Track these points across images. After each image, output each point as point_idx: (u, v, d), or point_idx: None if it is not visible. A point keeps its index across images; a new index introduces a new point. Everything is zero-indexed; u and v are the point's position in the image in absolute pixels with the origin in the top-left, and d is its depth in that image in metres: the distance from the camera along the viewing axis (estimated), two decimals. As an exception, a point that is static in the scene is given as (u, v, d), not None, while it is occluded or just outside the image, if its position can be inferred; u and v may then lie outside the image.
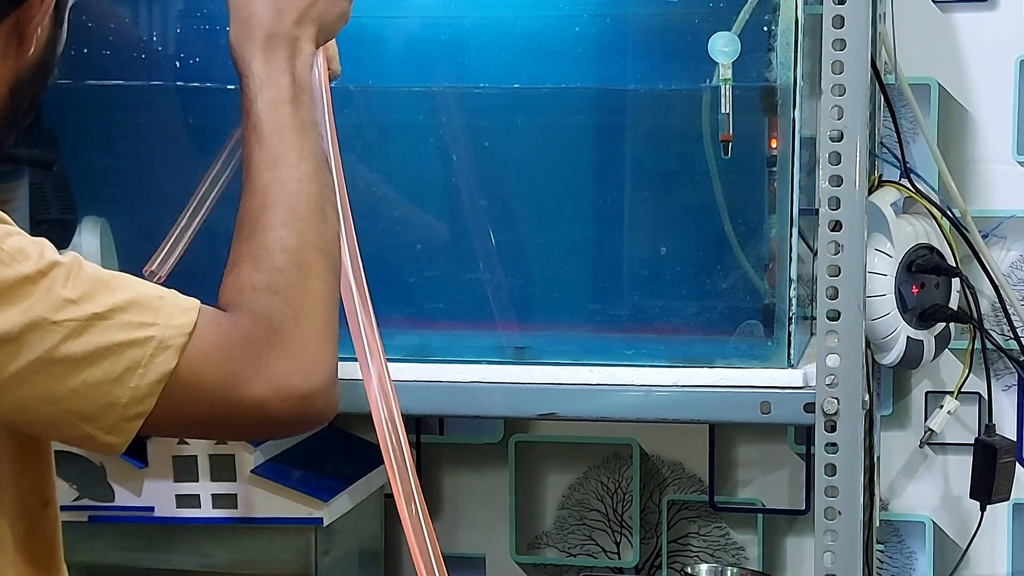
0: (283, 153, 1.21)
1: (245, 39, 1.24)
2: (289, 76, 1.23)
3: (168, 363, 1.10)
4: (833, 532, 1.51)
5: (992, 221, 1.95)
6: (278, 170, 1.20)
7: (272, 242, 1.17)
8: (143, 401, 1.10)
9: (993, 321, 1.95)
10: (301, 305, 1.16)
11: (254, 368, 1.13)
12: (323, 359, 1.16)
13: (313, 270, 1.18)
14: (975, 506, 1.89)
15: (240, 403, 1.13)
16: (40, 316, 1.08)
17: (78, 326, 1.09)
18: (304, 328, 1.15)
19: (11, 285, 1.08)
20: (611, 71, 1.64)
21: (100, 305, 1.10)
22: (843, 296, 1.50)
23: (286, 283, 1.16)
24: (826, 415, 1.51)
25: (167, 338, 1.11)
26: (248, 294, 1.15)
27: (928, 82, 1.95)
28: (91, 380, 1.09)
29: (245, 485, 1.76)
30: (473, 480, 2.12)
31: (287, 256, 1.17)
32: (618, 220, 1.66)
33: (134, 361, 1.10)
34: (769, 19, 1.54)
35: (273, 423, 1.15)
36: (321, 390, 1.16)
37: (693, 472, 2.08)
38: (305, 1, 1.26)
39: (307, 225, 1.19)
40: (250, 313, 1.14)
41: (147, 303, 1.12)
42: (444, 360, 1.61)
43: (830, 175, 1.49)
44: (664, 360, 1.58)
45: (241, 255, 1.17)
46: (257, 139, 1.21)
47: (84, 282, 1.10)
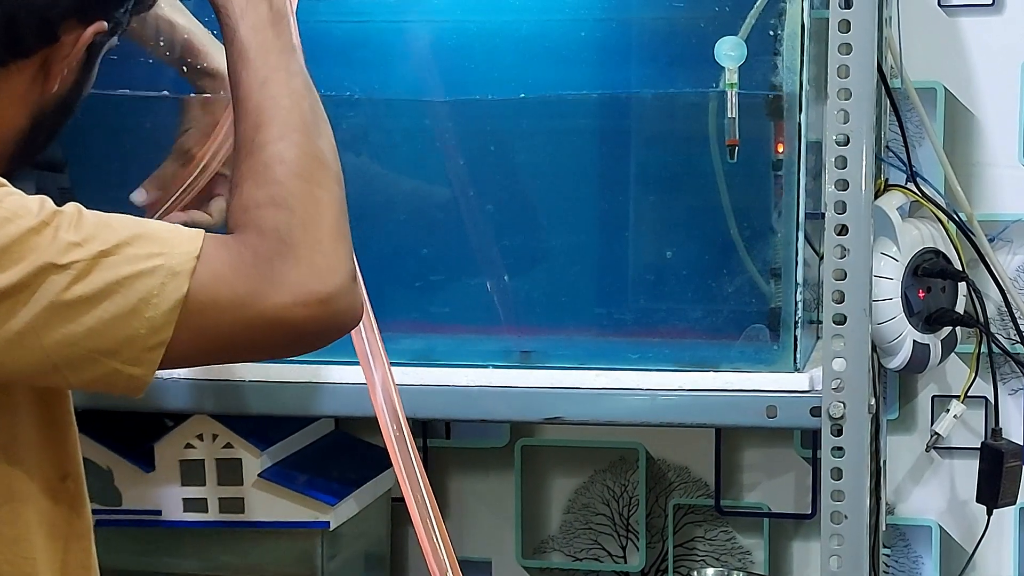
0: (271, 73, 1.21)
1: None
2: (267, 3, 1.24)
3: (180, 289, 1.12)
4: (839, 536, 1.51)
5: (998, 225, 1.95)
6: (268, 88, 1.21)
7: (270, 157, 1.18)
8: (161, 330, 1.12)
9: (999, 325, 1.95)
10: (307, 212, 1.16)
11: (268, 281, 1.13)
12: (337, 261, 1.16)
13: (314, 178, 1.18)
14: (981, 510, 1.89)
15: (260, 317, 1.13)
16: (47, 262, 1.10)
17: (85, 266, 1.11)
18: (313, 233, 1.16)
19: (16, 239, 1.10)
20: (616, 76, 1.64)
21: (104, 243, 1.12)
22: (849, 300, 1.50)
23: (289, 193, 1.17)
24: (832, 419, 1.51)
25: (175, 265, 1.12)
26: (252, 211, 1.16)
27: (934, 86, 1.96)
28: (106, 316, 1.11)
29: (252, 489, 1.77)
30: (479, 484, 2.12)
31: (286, 167, 1.17)
32: (624, 224, 1.66)
33: (146, 292, 1.11)
34: (775, 23, 1.54)
35: (298, 333, 1.16)
36: (340, 292, 1.16)
37: (699, 476, 2.08)
38: None
39: (303, 136, 1.20)
40: (257, 229, 1.15)
41: (151, 236, 1.13)
42: (450, 364, 1.61)
43: (836, 179, 1.50)
44: (670, 364, 1.58)
45: (241, 175, 1.18)
46: (244, 63, 1.22)
47: (87, 225, 1.12)
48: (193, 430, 1.77)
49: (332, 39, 1.59)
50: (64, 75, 1.22)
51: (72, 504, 1.28)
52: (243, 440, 1.77)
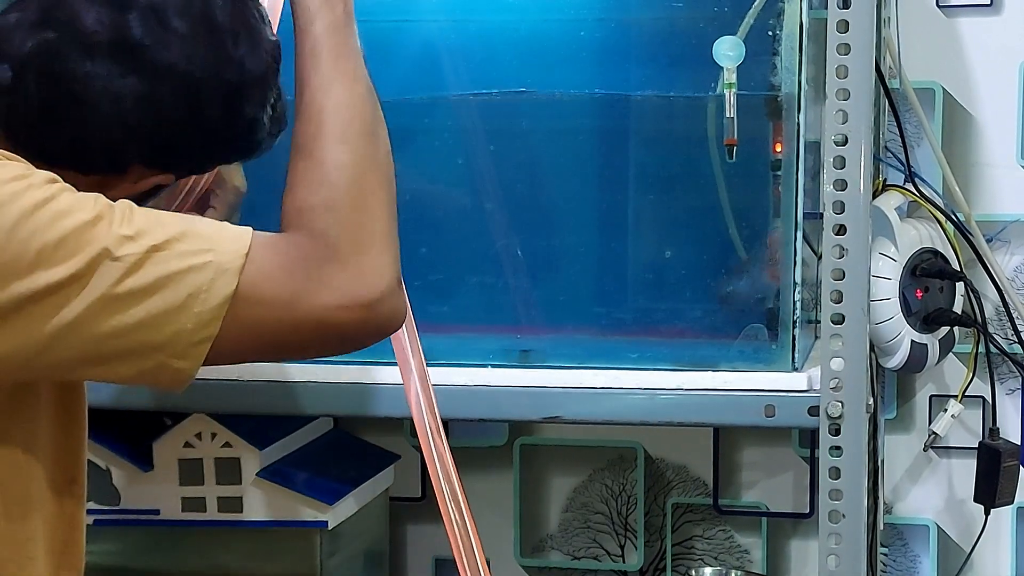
0: (338, 76, 1.23)
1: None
2: (341, 4, 1.26)
3: (228, 286, 1.14)
4: (837, 535, 1.51)
5: (996, 225, 1.96)
6: (332, 93, 1.23)
7: (328, 161, 1.20)
8: (208, 325, 1.14)
9: (997, 325, 1.95)
10: (359, 219, 1.19)
11: (315, 282, 1.16)
12: (384, 266, 1.19)
13: (368, 185, 1.20)
14: (979, 510, 1.89)
15: (306, 318, 1.16)
16: (102, 254, 1.12)
17: (137, 260, 1.13)
18: (362, 239, 1.18)
19: (72, 232, 1.12)
20: (616, 76, 1.64)
21: (156, 238, 1.14)
22: (847, 300, 1.50)
23: (341, 199, 1.19)
24: (830, 418, 1.51)
25: (224, 262, 1.14)
26: (305, 214, 1.18)
27: (932, 86, 1.96)
28: (155, 310, 1.13)
29: (250, 488, 1.77)
30: (478, 483, 2.12)
31: (342, 174, 1.20)
32: (623, 224, 1.67)
33: (195, 287, 1.13)
34: (774, 24, 1.54)
35: (340, 335, 1.18)
36: (385, 296, 1.18)
37: (697, 475, 2.08)
38: None
39: (362, 143, 1.22)
40: (307, 231, 1.18)
41: (200, 233, 1.16)
42: (449, 363, 1.61)
43: (834, 179, 1.50)
44: (669, 363, 1.59)
45: (297, 176, 1.20)
46: (314, 63, 1.23)
47: (139, 220, 1.15)
48: (192, 429, 1.77)
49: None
50: None
51: (76, 508, 1.30)
52: (242, 439, 1.77)
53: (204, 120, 1.23)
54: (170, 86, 1.20)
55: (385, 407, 1.60)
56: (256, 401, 1.63)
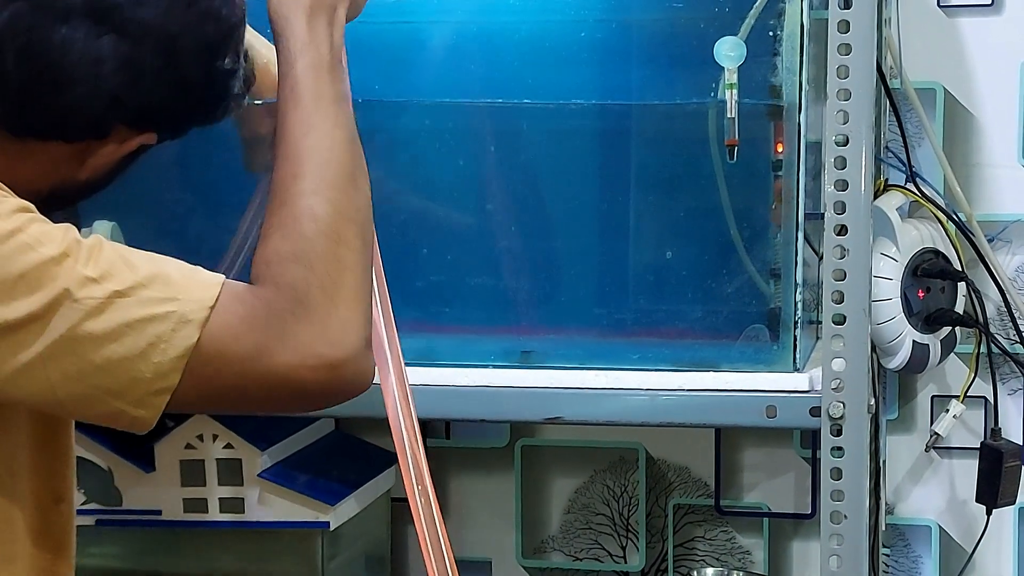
0: (319, 120, 1.21)
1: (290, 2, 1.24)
2: (328, 43, 1.24)
3: (190, 338, 1.11)
4: (839, 536, 1.51)
5: (998, 225, 1.95)
6: (312, 137, 1.20)
7: (301, 211, 1.17)
8: (167, 376, 1.12)
9: (999, 325, 1.95)
10: (329, 273, 1.15)
11: (279, 339, 1.13)
12: (352, 327, 1.15)
13: (342, 238, 1.17)
14: (981, 510, 1.89)
15: (268, 375, 1.13)
16: (63, 293, 1.10)
17: (99, 304, 1.10)
18: (331, 296, 1.15)
19: (36, 267, 1.10)
20: (616, 77, 1.64)
21: (120, 283, 1.11)
22: (849, 300, 1.50)
23: (313, 252, 1.16)
24: (832, 419, 1.51)
25: (188, 312, 1.12)
26: (274, 265, 1.15)
27: (934, 87, 1.96)
28: (115, 357, 1.11)
29: (252, 489, 1.77)
30: (479, 484, 2.12)
31: (316, 225, 1.16)
32: (624, 225, 1.66)
33: (156, 337, 1.11)
34: (774, 24, 1.54)
35: (303, 394, 1.15)
36: (350, 358, 1.15)
37: (699, 476, 2.08)
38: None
39: (338, 193, 1.19)
40: (275, 284, 1.15)
41: (168, 279, 1.13)
42: (450, 364, 1.61)
43: (835, 179, 1.50)
44: (670, 364, 1.59)
45: (271, 225, 1.18)
46: (295, 103, 1.21)
47: (105, 261, 1.12)
48: (194, 430, 1.77)
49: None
50: (99, 167, 1.23)
51: (64, 527, 1.29)
52: (243, 440, 1.77)
53: (184, 75, 1.20)
54: (148, 43, 1.17)
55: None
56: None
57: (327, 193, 1.18)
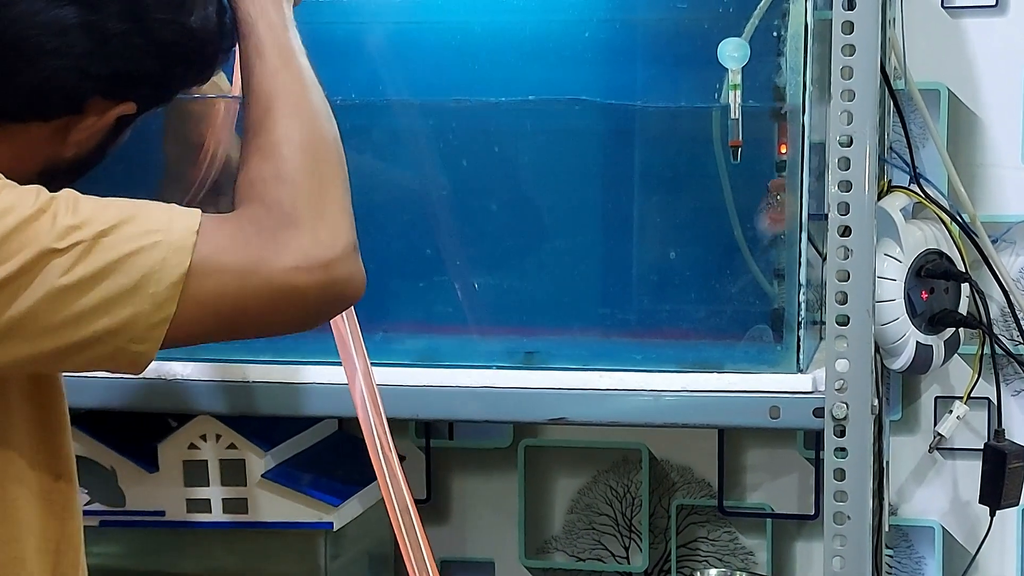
0: (284, 66, 1.22)
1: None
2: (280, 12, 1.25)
3: (182, 264, 1.12)
4: (842, 537, 1.51)
5: (1001, 226, 1.95)
6: (279, 77, 1.21)
7: (278, 136, 1.19)
8: (164, 306, 1.12)
9: (1003, 326, 1.95)
10: (312, 185, 1.17)
11: (271, 248, 1.14)
12: (340, 230, 1.17)
13: (319, 155, 1.20)
14: (984, 511, 1.89)
15: (264, 285, 1.14)
16: (47, 248, 1.10)
17: (85, 247, 1.11)
18: (317, 205, 1.17)
19: (14, 229, 1.10)
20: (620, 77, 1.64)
21: (103, 224, 1.12)
22: (852, 301, 1.50)
23: (294, 169, 1.17)
24: (835, 420, 1.51)
25: (175, 240, 1.12)
26: (258, 185, 1.17)
27: (938, 87, 1.96)
28: (109, 295, 1.11)
29: (255, 489, 1.77)
30: (482, 485, 2.12)
31: (293, 145, 1.19)
32: (627, 225, 1.66)
33: (148, 268, 1.12)
34: (778, 25, 1.54)
35: (301, 300, 1.16)
36: (342, 257, 1.16)
37: (702, 476, 2.08)
38: None
39: (311, 117, 1.21)
40: (260, 202, 1.16)
41: (148, 214, 1.14)
42: (454, 365, 1.61)
43: (839, 180, 1.50)
44: (673, 364, 1.58)
45: (249, 153, 1.19)
46: (259, 55, 1.22)
47: (84, 209, 1.13)
48: (197, 431, 1.77)
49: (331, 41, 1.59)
50: (83, 142, 1.22)
51: (65, 505, 1.29)
52: (247, 441, 1.77)
53: (152, 37, 1.19)
54: (111, 7, 1.17)
55: (389, 408, 1.60)
56: (261, 403, 1.63)
57: (301, 116, 1.20)
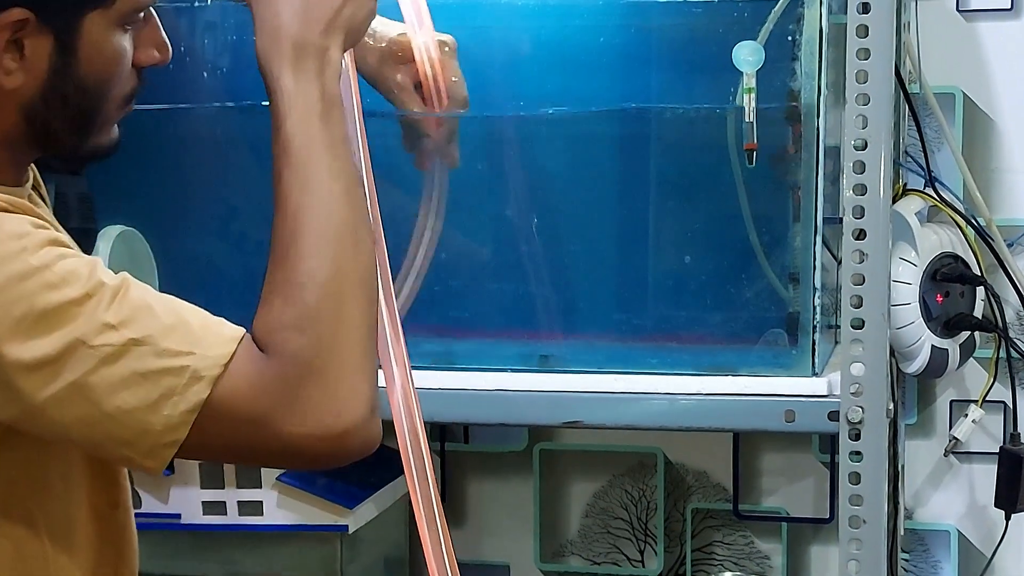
0: (313, 173, 1.16)
1: (273, 51, 1.19)
2: (319, 90, 1.19)
3: (201, 393, 1.10)
4: (858, 541, 1.51)
5: (1017, 230, 1.95)
6: (308, 192, 1.16)
7: (303, 274, 1.14)
8: (176, 429, 1.11)
9: (1018, 330, 1.94)
10: (334, 339, 1.13)
11: (287, 407, 1.11)
12: (359, 394, 1.14)
13: (346, 299, 1.14)
14: (1000, 515, 1.89)
15: (274, 440, 1.12)
16: (79, 339, 1.09)
17: (114, 351, 1.10)
18: (337, 363, 1.13)
19: (58, 307, 1.09)
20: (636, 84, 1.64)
21: (139, 331, 1.10)
22: (867, 305, 1.50)
23: (318, 318, 1.13)
24: (850, 423, 1.51)
25: (202, 368, 1.10)
26: (279, 332, 1.13)
27: (953, 91, 1.95)
28: (126, 406, 1.10)
29: (271, 492, 1.77)
30: (498, 488, 2.12)
31: (318, 289, 1.13)
32: (643, 230, 1.67)
33: (168, 389, 1.10)
34: (793, 29, 1.54)
35: (309, 460, 1.16)
36: (358, 426, 1.14)
37: (717, 480, 2.08)
38: (333, 7, 1.20)
39: (339, 251, 1.15)
40: (281, 354, 1.12)
41: (188, 330, 1.12)
42: (469, 368, 1.62)
43: (854, 184, 1.50)
44: (689, 368, 1.59)
45: (274, 287, 1.14)
46: (287, 159, 1.17)
47: (127, 306, 1.11)
48: (213, 434, 1.77)
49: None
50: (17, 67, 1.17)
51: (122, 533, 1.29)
52: (263, 444, 1.77)
53: None
54: None
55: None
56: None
57: (328, 253, 1.14)
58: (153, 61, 1.26)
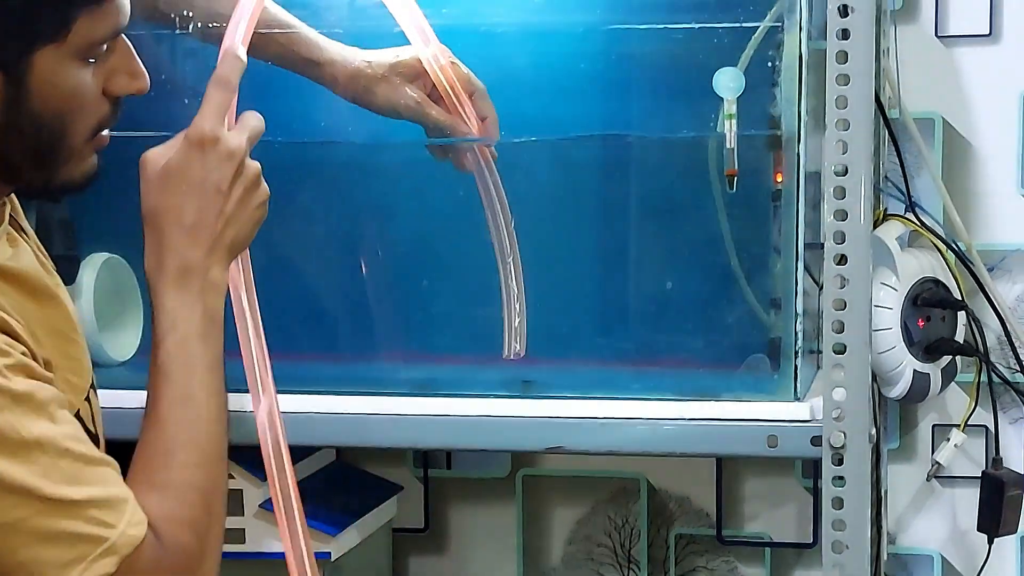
0: (194, 391, 1.25)
1: (158, 271, 1.26)
2: (200, 310, 1.26)
3: (108, 567, 1.16)
4: (841, 566, 1.51)
5: (997, 254, 1.96)
6: (188, 408, 1.24)
7: (189, 481, 1.23)
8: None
9: (999, 354, 1.95)
10: (208, 544, 1.24)
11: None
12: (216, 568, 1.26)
13: (215, 512, 1.25)
14: (983, 539, 1.89)
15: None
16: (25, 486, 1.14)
17: (50, 505, 1.15)
18: (212, 562, 1.25)
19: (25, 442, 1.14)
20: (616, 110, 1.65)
21: (77, 493, 1.16)
22: (849, 330, 1.50)
23: (199, 522, 1.23)
24: (833, 448, 1.51)
25: (119, 544, 1.17)
26: (176, 526, 1.21)
27: (932, 116, 1.96)
28: (41, 559, 1.15)
29: (253, 520, 1.77)
30: (480, 515, 2.12)
31: (201, 497, 1.23)
32: (624, 255, 1.67)
33: (81, 555, 1.16)
34: (773, 55, 1.55)
35: None
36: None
37: (700, 506, 2.08)
38: (215, 230, 1.27)
39: (215, 467, 1.25)
40: (175, 545, 1.21)
41: (115, 504, 1.18)
42: (451, 394, 1.62)
43: (835, 209, 1.50)
44: (671, 393, 1.59)
45: (153, 485, 1.22)
46: (165, 376, 1.24)
47: (68, 465, 1.16)
48: (195, 461, 1.76)
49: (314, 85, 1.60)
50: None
51: None
52: (244, 470, 1.76)
53: None
54: None
55: (387, 438, 1.61)
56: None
57: (207, 467, 1.24)
58: (127, 90, 1.27)
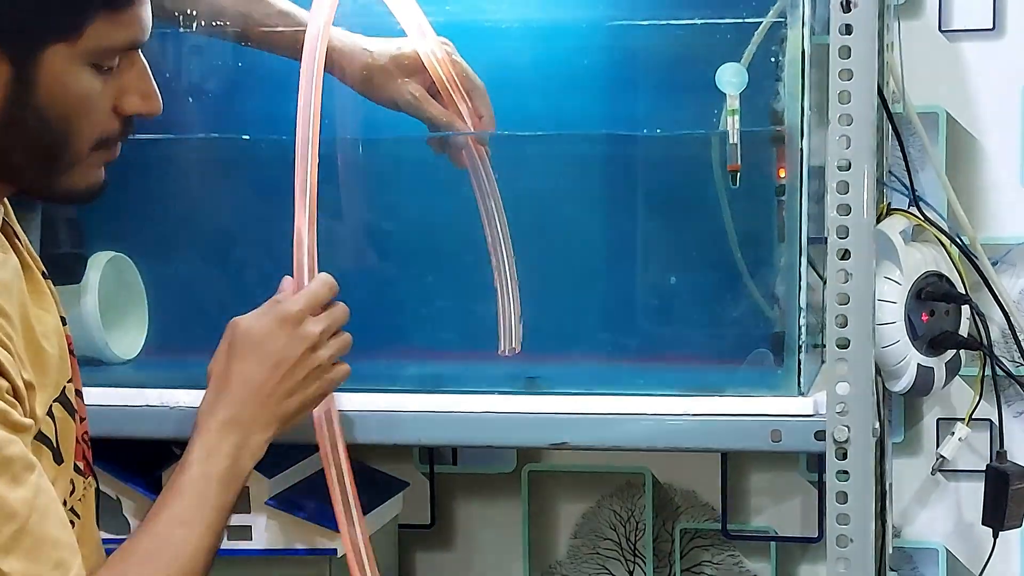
0: (195, 519, 1.32)
1: (209, 411, 1.36)
2: (231, 460, 1.35)
3: None
4: (846, 560, 1.51)
5: (1001, 248, 1.96)
6: (184, 530, 1.31)
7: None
8: None
9: (1003, 348, 1.95)
10: None
11: None
12: None
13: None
14: (988, 533, 1.89)
15: None
16: None
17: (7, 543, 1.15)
18: None
19: None
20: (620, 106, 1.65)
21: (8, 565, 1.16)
22: (853, 324, 1.50)
23: None
24: (837, 443, 1.51)
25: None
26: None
27: (936, 110, 1.96)
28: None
29: (259, 516, 1.77)
30: (486, 510, 2.12)
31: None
32: (629, 251, 1.67)
33: None
34: (776, 50, 1.55)
35: None
36: None
37: (706, 500, 2.08)
38: (271, 399, 1.39)
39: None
40: None
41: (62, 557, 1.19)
42: (457, 391, 1.62)
43: (838, 204, 1.50)
44: (675, 389, 1.59)
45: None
46: (177, 494, 1.32)
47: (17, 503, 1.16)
48: (201, 458, 1.77)
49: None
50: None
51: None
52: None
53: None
54: None
55: (393, 434, 1.61)
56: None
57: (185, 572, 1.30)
58: (138, 110, 1.28)
